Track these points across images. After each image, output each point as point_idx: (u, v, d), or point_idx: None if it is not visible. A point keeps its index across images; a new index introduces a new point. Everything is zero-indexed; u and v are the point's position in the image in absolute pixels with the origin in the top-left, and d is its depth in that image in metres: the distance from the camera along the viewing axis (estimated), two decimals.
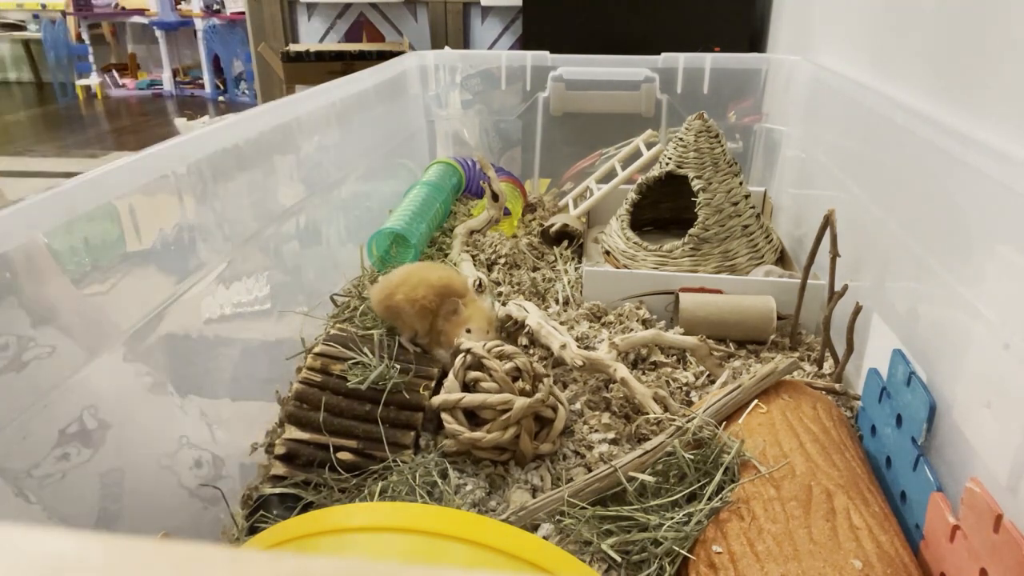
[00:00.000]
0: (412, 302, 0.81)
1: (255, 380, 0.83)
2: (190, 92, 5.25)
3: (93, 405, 0.56)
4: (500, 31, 2.79)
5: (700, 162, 1.10)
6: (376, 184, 1.26)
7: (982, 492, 0.50)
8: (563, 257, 1.18)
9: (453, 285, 0.84)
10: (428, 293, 0.81)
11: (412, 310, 0.81)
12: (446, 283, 0.83)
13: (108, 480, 0.59)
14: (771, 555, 0.54)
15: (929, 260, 0.70)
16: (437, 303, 0.81)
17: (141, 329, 0.62)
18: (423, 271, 0.85)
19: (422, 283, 0.82)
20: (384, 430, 0.72)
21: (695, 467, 0.64)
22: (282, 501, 0.69)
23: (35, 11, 5.18)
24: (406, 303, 0.81)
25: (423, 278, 0.83)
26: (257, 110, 0.87)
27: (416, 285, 0.82)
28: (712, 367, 0.88)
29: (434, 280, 0.83)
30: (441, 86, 1.54)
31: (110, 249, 0.59)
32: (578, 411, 0.80)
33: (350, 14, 2.88)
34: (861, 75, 1.09)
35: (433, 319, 0.82)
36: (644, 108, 1.48)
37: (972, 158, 0.64)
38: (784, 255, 1.16)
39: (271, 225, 0.87)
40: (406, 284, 0.82)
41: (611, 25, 1.80)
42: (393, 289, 0.82)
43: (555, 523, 0.63)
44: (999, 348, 0.55)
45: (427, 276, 0.83)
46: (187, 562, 0.15)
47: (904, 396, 0.67)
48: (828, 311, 0.84)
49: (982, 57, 0.75)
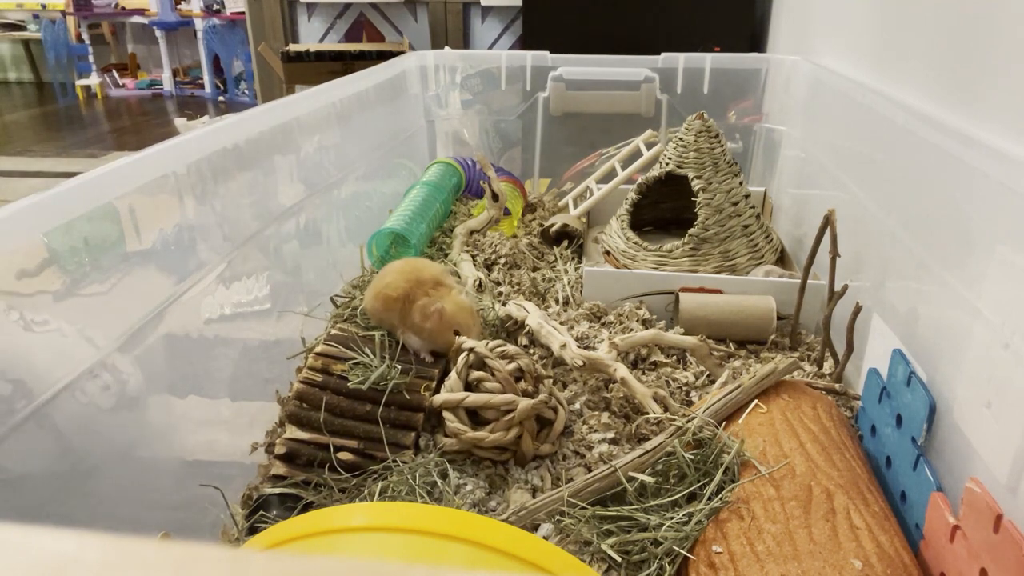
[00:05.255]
0: (376, 296, 0.81)
1: (255, 380, 0.83)
2: (190, 92, 5.25)
3: (93, 405, 0.56)
4: (500, 31, 2.79)
5: (700, 162, 1.10)
6: (376, 184, 1.26)
7: (982, 492, 0.50)
8: (563, 257, 1.18)
9: (421, 274, 0.82)
10: (393, 280, 0.81)
11: (380, 305, 0.81)
12: (412, 270, 0.82)
13: (108, 480, 0.59)
14: (771, 555, 0.54)
15: (929, 260, 0.70)
16: (404, 290, 0.80)
17: (141, 329, 0.62)
18: (394, 264, 0.85)
19: (388, 273, 0.82)
20: (384, 430, 0.72)
21: (695, 467, 0.64)
22: (282, 501, 0.69)
23: (35, 11, 5.18)
24: (374, 300, 0.81)
25: (390, 270, 0.83)
26: (257, 110, 0.87)
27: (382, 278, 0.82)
28: (712, 367, 0.88)
29: (398, 267, 0.83)
30: (441, 86, 1.54)
31: (110, 249, 0.59)
32: (578, 411, 0.80)
33: (350, 14, 2.88)
34: (861, 75, 1.09)
35: (402, 307, 0.80)
36: (644, 108, 1.48)
37: (972, 158, 0.64)
38: (784, 255, 1.16)
39: (271, 225, 0.87)
40: (378, 282, 0.82)
41: (611, 25, 1.80)
42: (372, 290, 0.83)
43: (555, 523, 0.63)
44: (999, 348, 0.55)
45: (394, 267, 0.83)
46: (187, 562, 0.15)
47: (904, 396, 0.67)
48: (828, 311, 0.84)
49: (982, 57, 0.75)
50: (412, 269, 0.82)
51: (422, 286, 0.80)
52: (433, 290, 0.80)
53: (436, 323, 0.78)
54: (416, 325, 0.79)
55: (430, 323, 0.78)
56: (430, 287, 0.81)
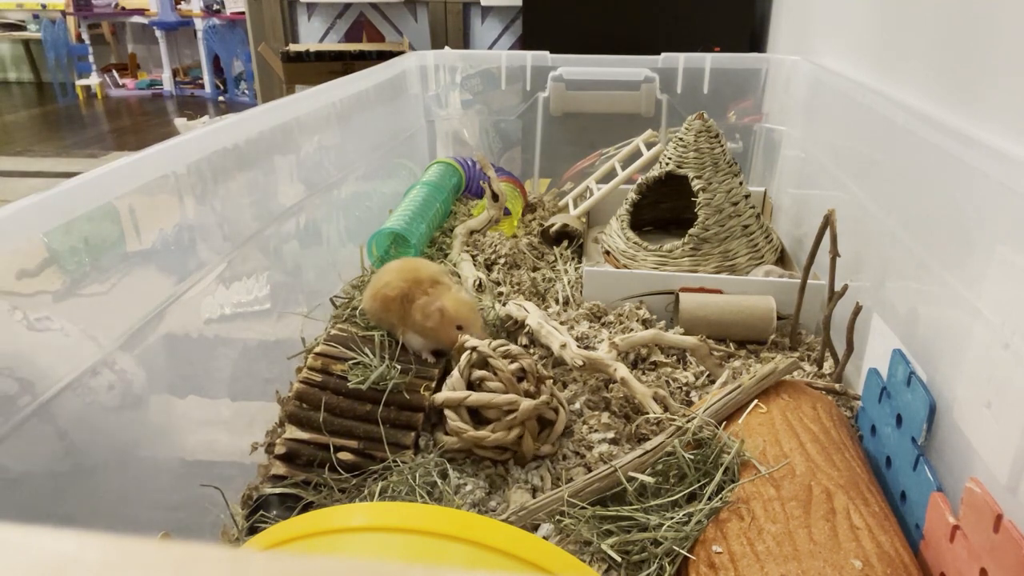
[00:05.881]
0: (375, 296, 0.81)
1: (255, 380, 0.83)
2: (190, 92, 5.25)
3: (93, 405, 0.56)
4: (500, 31, 2.79)
5: (700, 162, 1.10)
6: (376, 184, 1.26)
7: (982, 492, 0.50)
8: (563, 257, 1.18)
9: (419, 273, 0.82)
10: (391, 280, 0.81)
11: (378, 305, 0.81)
12: (410, 269, 0.82)
13: (108, 480, 0.59)
14: (771, 555, 0.54)
15: (929, 260, 0.70)
16: (401, 290, 0.80)
17: (141, 329, 0.62)
18: (392, 264, 0.84)
19: (386, 273, 0.82)
20: (384, 430, 0.72)
21: (695, 467, 0.64)
22: (282, 501, 0.69)
23: (35, 11, 5.18)
24: (372, 300, 0.82)
25: (387, 270, 0.83)
26: (257, 110, 0.87)
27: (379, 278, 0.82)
28: (712, 367, 0.88)
29: (395, 267, 0.83)
30: (441, 86, 1.54)
31: (110, 249, 0.59)
32: (578, 411, 0.80)
33: (350, 14, 2.88)
34: (861, 75, 1.09)
35: (401, 307, 0.80)
36: (644, 108, 1.48)
37: (972, 158, 0.64)
38: (784, 255, 1.16)
39: (271, 225, 0.87)
40: (376, 282, 0.82)
41: (611, 25, 1.80)
42: (370, 290, 0.83)
43: (555, 523, 0.63)
44: (999, 348, 0.55)
45: (391, 267, 0.83)
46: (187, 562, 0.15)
47: (904, 396, 0.67)
48: (828, 311, 0.84)
49: (982, 57, 0.75)
50: (410, 269, 0.82)
51: (420, 285, 0.80)
52: (431, 288, 0.80)
53: (437, 321, 0.78)
54: (418, 324, 0.79)
55: (431, 322, 0.78)
56: (428, 286, 0.80)
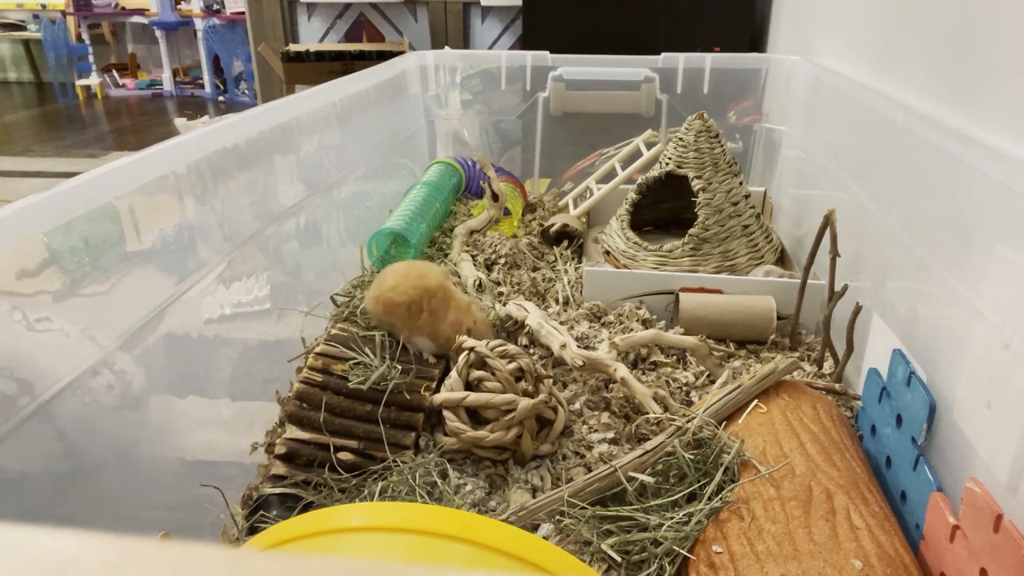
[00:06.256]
0: (378, 299, 0.81)
1: (255, 380, 0.83)
2: (190, 92, 5.25)
3: (93, 405, 0.56)
4: (500, 31, 2.79)
5: (700, 162, 1.10)
6: (376, 184, 1.26)
7: (982, 492, 0.50)
8: (563, 257, 1.18)
9: (427, 281, 0.81)
10: (398, 285, 0.80)
11: (381, 308, 0.81)
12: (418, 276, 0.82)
13: (108, 480, 0.59)
14: (771, 555, 0.54)
15: (929, 260, 0.70)
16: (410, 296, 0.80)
17: (141, 329, 0.62)
18: (396, 267, 0.84)
19: (390, 275, 0.82)
20: (384, 430, 0.72)
21: (695, 467, 0.64)
22: (282, 501, 0.69)
23: (35, 11, 5.18)
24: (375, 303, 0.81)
25: (392, 272, 0.83)
26: (257, 110, 0.87)
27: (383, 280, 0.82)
28: (712, 367, 0.88)
29: (401, 271, 0.82)
30: (441, 86, 1.54)
31: (110, 249, 0.59)
32: (578, 411, 0.80)
33: (350, 14, 2.88)
34: (861, 75, 1.09)
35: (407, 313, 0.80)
36: (644, 108, 1.48)
37: (972, 158, 0.64)
38: (784, 255, 1.16)
39: (271, 225, 0.87)
40: (379, 285, 0.82)
41: (611, 25, 1.80)
42: (373, 292, 0.83)
43: (555, 523, 0.63)
44: (999, 348, 0.55)
45: (396, 270, 0.83)
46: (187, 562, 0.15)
47: (904, 396, 0.67)
48: (828, 311, 0.84)
49: (982, 57, 0.75)
50: (418, 275, 0.81)
51: (429, 294, 0.80)
52: (443, 301, 0.80)
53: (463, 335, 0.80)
54: (434, 332, 0.80)
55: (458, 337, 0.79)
56: (439, 296, 0.80)
